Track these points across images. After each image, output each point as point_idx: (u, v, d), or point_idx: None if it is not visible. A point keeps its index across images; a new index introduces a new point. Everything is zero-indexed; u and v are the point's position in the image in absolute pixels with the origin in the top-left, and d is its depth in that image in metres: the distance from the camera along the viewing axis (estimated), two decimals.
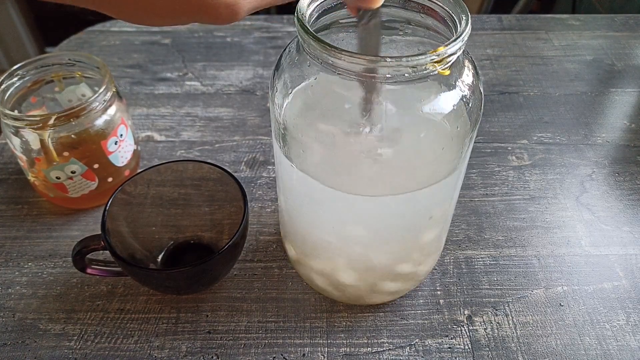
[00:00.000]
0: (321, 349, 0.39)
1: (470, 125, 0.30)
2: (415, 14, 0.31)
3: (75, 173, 0.45)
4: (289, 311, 0.41)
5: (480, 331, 0.40)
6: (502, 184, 0.51)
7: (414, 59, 0.25)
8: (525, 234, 0.47)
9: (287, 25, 0.74)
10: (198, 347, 0.39)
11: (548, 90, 0.63)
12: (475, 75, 0.31)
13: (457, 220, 0.48)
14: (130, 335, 0.40)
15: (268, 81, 0.58)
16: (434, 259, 0.41)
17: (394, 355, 0.38)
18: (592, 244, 0.46)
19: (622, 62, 0.67)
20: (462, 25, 0.28)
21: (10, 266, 0.44)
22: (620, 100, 0.61)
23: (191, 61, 0.67)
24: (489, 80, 0.64)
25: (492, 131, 0.57)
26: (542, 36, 0.72)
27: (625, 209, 0.49)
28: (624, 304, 0.42)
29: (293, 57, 0.31)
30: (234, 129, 0.57)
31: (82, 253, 0.38)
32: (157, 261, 0.43)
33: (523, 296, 0.42)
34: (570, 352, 0.39)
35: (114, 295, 0.42)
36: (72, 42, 0.71)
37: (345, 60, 0.26)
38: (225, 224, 0.43)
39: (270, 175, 0.52)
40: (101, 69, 0.46)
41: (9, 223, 0.48)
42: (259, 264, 0.44)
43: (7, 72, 0.45)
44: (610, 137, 0.56)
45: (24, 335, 0.40)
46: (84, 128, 0.44)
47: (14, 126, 0.42)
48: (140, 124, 0.58)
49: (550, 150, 0.55)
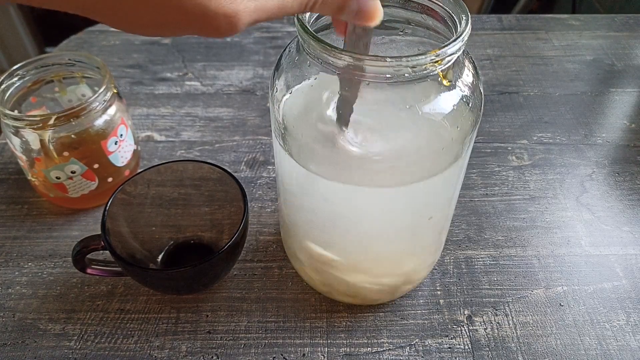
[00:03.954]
0: (321, 349, 0.39)
1: (470, 125, 0.30)
2: (415, 14, 0.31)
3: (75, 173, 0.45)
4: (289, 311, 0.41)
5: (480, 331, 0.40)
6: (502, 184, 0.51)
7: (414, 59, 0.25)
8: (525, 234, 0.47)
9: (287, 25, 0.74)
10: (198, 347, 0.39)
11: (548, 90, 0.63)
12: (475, 75, 0.31)
13: (457, 220, 0.48)
14: (130, 335, 0.40)
15: (268, 81, 0.58)
16: (434, 259, 0.41)
17: (394, 355, 0.38)
18: (592, 244, 0.46)
19: (622, 62, 0.67)
20: (462, 25, 0.28)
21: (10, 266, 0.44)
22: (620, 100, 0.61)
23: (191, 61, 0.67)
24: (489, 80, 0.64)
25: (492, 131, 0.57)
26: (542, 36, 0.72)
27: (625, 209, 0.49)
28: (624, 304, 0.42)
29: (293, 57, 0.31)
30: (234, 129, 0.57)
31: (82, 253, 0.38)
32: (157, 261, 0.43)
33: (523, 296, 0.42)
34: (570, 352, 0.39)
35: (114, 295, 0.42)
36: (72, 42, 0.71)
37: (345, 60, 0.26)
38: (225, 224, 0.43)
39: (270, 175, 0.52)
40: (101, 69, 0.46)
41: (9, 223, 0.48)
42: (259, 264, 0.44)
43: (7, 72, 0.45)
44: (610, 137, 0.56)
45: (24, 335, 0.40)
46: (84, 128, 0.44)
47: (14, 126, 0.42)
48: (140, 124, 0.58)
49: (550, 150, 0.55)
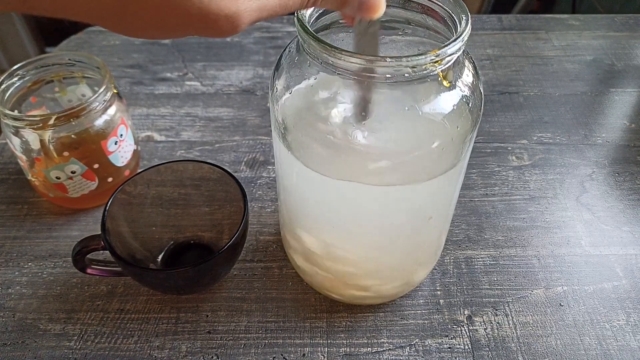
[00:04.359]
0: (321, 349, 0.39)
1: (470, 125, 0.30)
2: (415, 14, 0.31)
3: (75, 173, 0.45)
4: (289, 311, 0.41)
5: (480, 331, 0.40)
6: (502, 184, 0.51)
7: (414, 59, 0.25)
8: (525, 234, 0.47)
9: (287, 25, 0.74)
10: (198, 347, 0.39)
11: (548, 90, 0.63)
12: (475, 75, 0.31)
13: (457, 220, 0.48)
14: (130, 335, 0.40)
15: (268, 81, 0.58)
16: (434, 259, 0.41)
17: (394, 355, 0.38)
18: (592, 244, 0.46)
19: (622, 62, 0.67)
20: (462, 25, 0.28)
21: (10, 266, 0.44)
22: (620, 100, 0.61)
23: (191, 61, 0.67)
24: (489, 80, 0.64)
25: (492, 131, 0.57)
26: (542, 36, 0.72)
27: (625, 209, 0.49)
28: (624, 304, 0.42)
29: (293, 57, 0.31)
30: (234, 129, 0.57)
31: (82, 253, 0.38)
32: (157, 261, 0.43)
33: (523, 296, 0.42)
34: (570, 352, 0.39)
35: (114, 295, 0.42)
36: (72, 42, 0.71)
37: (345, 60, 0.26)
38: (225, 224, 0.43)
39: (270, 175, 0.52)
40: (101, 69, 0.46)
41: (9, 223, 0.48)
42: (259, 264, 0.44)
43: (7, 72, 0.45)
44: (610, 137, 0.56)
45: (24, 335, 0.40)
46: (84, 128, 0.44)
47: (14, 126, 0.42)
48: (140, 124, 0.58)
49: (550, 150, 0.55)
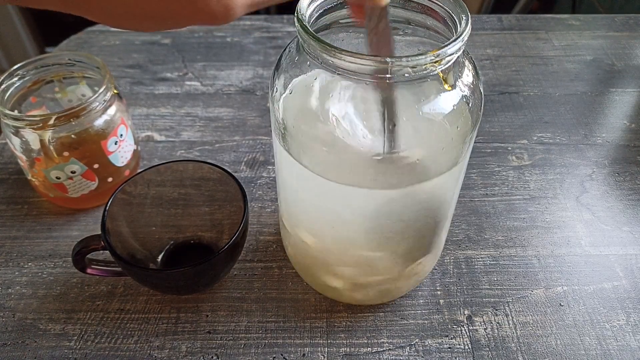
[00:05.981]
0: (321, 349, 0.39)
1: (470, 125, 0.30)
2: (415, 14, 0.31)
3: (75, 173, 0.45)
4: (289, 311, 0.41)
5: (480, 331, 0.40)
6: (502, 184, 0.51)
7: (414, 59, 0.25)
8: (525, 234, 0.47)
9: (287, 25, 0.74)
10: (198, 347, 0.39)
11: (548, 90, 0.63)
12: (475, 75, 0.31)
13: (457, 220, 0.48)
14: (130, 335, 0.40)
15: (268, 81, 0.58)
16: (434, 259, 0.41)
17: (394, 355, 0.38)
18: (592, 244, 0.46)
19: (622, 62, 0.67)
20: (462, 25, 0.28)
21: (10, 266, 0.44)
22: (620, 100, 0.61)
23: (191, 61, 0.67)
24: (489, 80, 0.64)
25: (492, 131, 0.57)
26: (542, 36, 0.72)
27: (625, 209, 0.49)
28: (624, 304, 0.42)
29: (293, 57, 0.31)
30: (234, 129, 0.57)
31: (82, 253, 0.38)
32: (157, 261, 0.43)
33: (523, 296, 0.42)
34: (570, 352, 0.39)
35: (114, 295, 0.42)
36: (72, 42, 0.71)
37: (345, 60, 0.26)
38: (225, 224, 0.43)
39: (270, 175, 0.52)
40: (101, 69, 0.46)
41: (9, 223, 0.48)
42: (259, 264, 0.44)
43: (7, 72, 0.45)
44: (610, 137, 0.56)
45: (24, 335, 0.40)
46: (84, 128, 0.44)
47: (14, 126, 0.42)
48: (140, 124, 0.58)
49: (550, 150, 0.55)
